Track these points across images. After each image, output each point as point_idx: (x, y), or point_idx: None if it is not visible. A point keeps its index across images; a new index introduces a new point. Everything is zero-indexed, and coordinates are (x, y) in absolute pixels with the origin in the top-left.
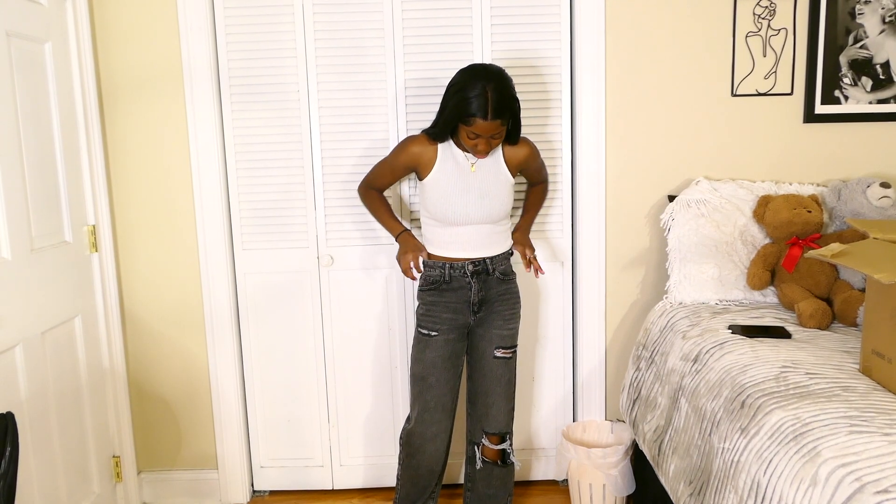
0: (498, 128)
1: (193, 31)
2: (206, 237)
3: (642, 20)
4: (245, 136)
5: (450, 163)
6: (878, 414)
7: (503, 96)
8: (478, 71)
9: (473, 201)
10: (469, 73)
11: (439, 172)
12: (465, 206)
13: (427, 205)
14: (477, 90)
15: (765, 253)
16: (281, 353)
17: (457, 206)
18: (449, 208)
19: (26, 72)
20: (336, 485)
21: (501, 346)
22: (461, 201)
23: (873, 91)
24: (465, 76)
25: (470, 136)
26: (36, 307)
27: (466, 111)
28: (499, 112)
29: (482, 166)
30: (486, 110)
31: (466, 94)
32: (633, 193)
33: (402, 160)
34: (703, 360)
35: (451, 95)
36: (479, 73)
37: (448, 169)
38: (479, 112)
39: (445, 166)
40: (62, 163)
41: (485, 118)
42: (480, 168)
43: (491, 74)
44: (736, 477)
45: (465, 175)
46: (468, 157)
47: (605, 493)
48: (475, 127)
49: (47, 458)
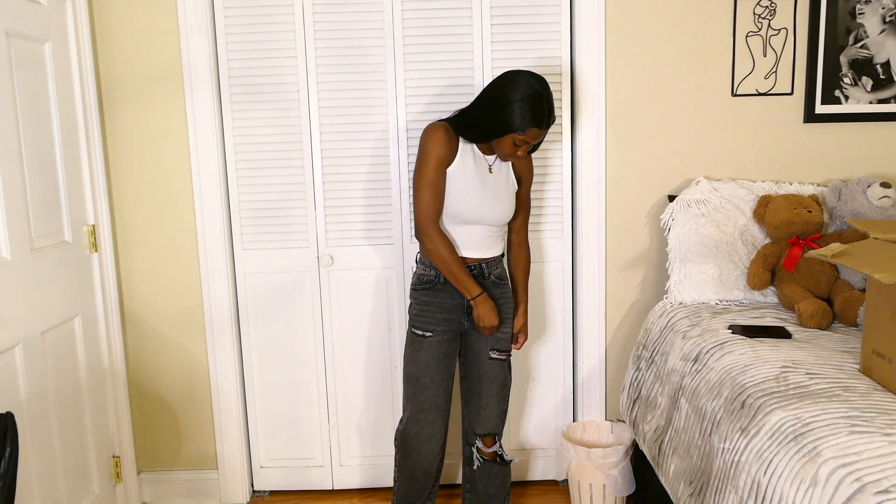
0: (543, 136)
1: (193, 31)
2: (206, 237)
3: (642, 20)
4: (245, 136)
5: (469, 159)
6: (879, 414)
7: (552, 105)
8: (529, 82)
9: (490, 202)
10: (524, 82)
11: (460, 167)
12: (481, 204)
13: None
14: (535, 101)
15: (765, 253)
16: (281, 354)
17: (474, 203)
18: (466, 205)
19: (26, 72)
20: (336, 485)
21: (497, 348)
22: (478, 199)
23: (874, 91)
24: (519, 87)
25: (517, 142)
26: (36, 307)
27: (523, 121)
28: (550, 121)
29: (496, 169)
30: (543, 120)
31: (525, 105)
32: (633, 193)
33: (444, 154)
34: (703, 360)
35: (504, 104)
36: (535, 82)
37: (466, 166)
38: (535, 122)
39: (465, 162)
40: (62, 163)
41: (540, 127)
42: (496, 170)
43: (543, 84)
44: (736, 477)
45: (484, 174)
46: (487, 157)
47: (605, 493)
48: (528, 135)
49: (47, 458)
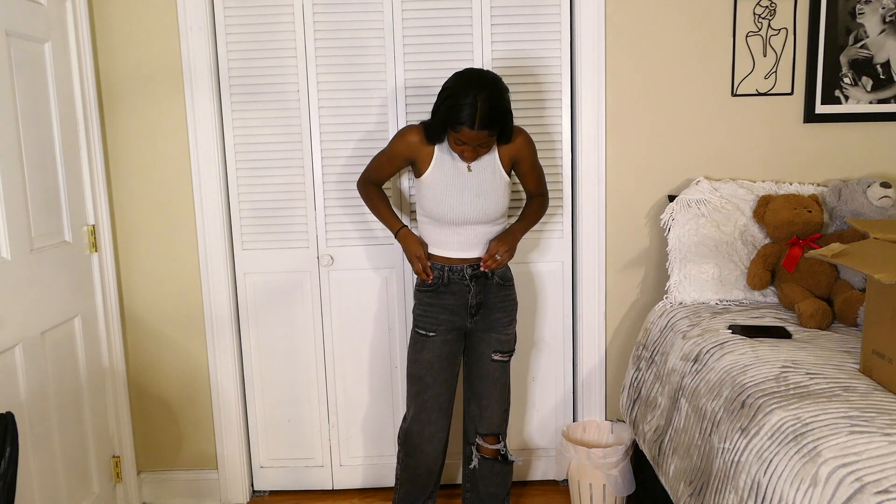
0: (485, 138)
1: (193, 31)
2: (206, 237)
3: (642, 20)
4: (245, 136)
5: (446, 160)
6: (879, 414)
7: (494, 108)
8: (471, 78)
9: (469, 200)
10: (463, 79)
11: (436, 170)
12: (460, 204)
13: (423, 203)
14: (468, 98)
15: (765, 253)
16: (281, 354)
17: (452, 204)
18: (445, 207)
19: (26, 72)
20: (336, 485)
21: (500, 349)
22: (457, 200)
23: (874, 91)
24: (459, 82)
25: (457, 141)
26: (36, 307)
27: (455, 118)
28: (486, 123)
29: (478, 165)
30: (474, 120)
31: (457, 101)
32: (633, 193)
33: (401, 150)
34: (703, 360)
35: (443, 99)
36: (473, 80)
37: (444, 167)
38: (467, 121)
39: (442, 164)
40: (62, 163)
41: (472, 128)
42: (476, 167)
43: (484, 84)
44: (736, 477)
45: (462, 174)
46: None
47: (605, 493)
48: (461, 134)
49: (47, 458)
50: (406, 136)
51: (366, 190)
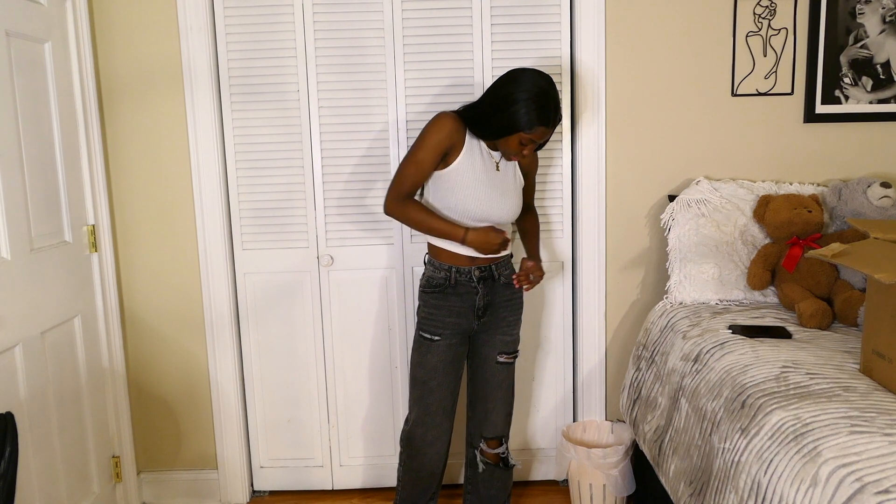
0: (551, 134)
1: (193, 31)
2: (206, 237)
3: (642, 20)
4: (245, 136)
5: (476, 154)
6: (879, 414)
7: (559, 103)
8: (537, 79)
9: (497, 199)
10: (530, 80)
11: (466, 163)
12: (489, 201)
13: (447, 196)
14: (542, 99)
15: (765, 253)
16: (281, 354)
17: (482, 200)
18: (475, 202)
19: (26, 72)
20: (336, 485)
21: (505, 351)
22: (487, 197)
23: (874, 91)
24: (524, 85)
25: (524, 141)
26: (36, 307)
27: (530, 119)
28: (557, 120)
29: (503, 166)
30: (549, 118)
31: (533, 103)
32: (633, 193)
33: (444, 138)
34: (703, 360)
35: (511, 103)
36: (542, 80)
37: (474, 161)
38: (542, 121)
39: (472, 157)
40: (62, 163)
41: (547, 126)
42: (500, 167)
43: (549, 82)
44: (736, 477)
45: (490, 171)
46: (494, 155)
47: (605, 493)
48: (535, 134)
49: (47, 458)
50: (446, 122)
51: (403, 208)
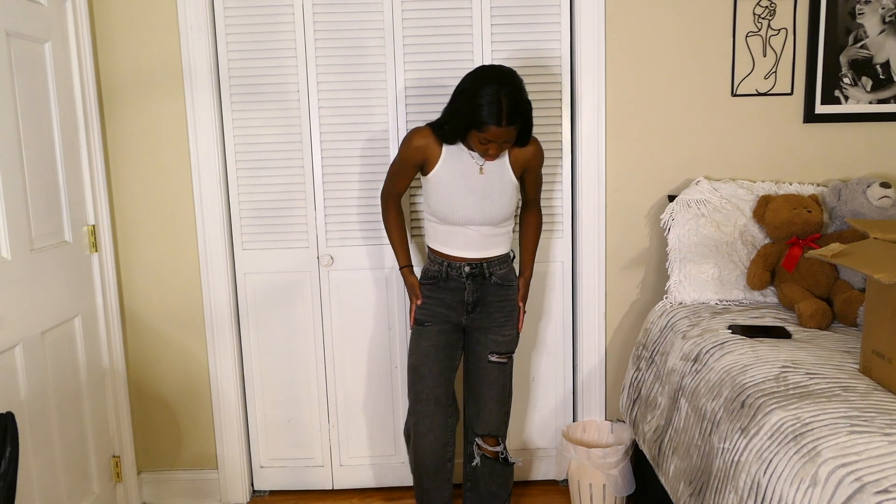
0: (511, 133)
1: (193, 31)
2: (206, 237)
3: (642, 20)
4: (245, 136)
5: (455, 161)
6: (879, 414)
7: (517, 101)
8: (490, 75)
9: (475, 203)
10: (481, 77)
11: (443, 170)
12: (465, 207)
13: (429, 201)
14: (490, 96)
15: (765, 253)
16: (281, 353)
17: (458, 206)
18: (450, 209)
19: (26, 72)
20: (336, 485)
21: (496, 351)
22: (463, 203)
23: (873, 91)
24: (478, 81)
25: (482, 140)
26: (36, 307)
27: (479, 118)
28: (512, 118)
29: (488, 168)
30: (500, 117)
31: (479, 101)
32: (633, 193)
33: (411, 156)
34: (703, 360)
35: (463, 101)
36: (492, 77)
37: (453, 168)
38: (493, 119)
39: (450, 164)
40: (62, 163)
41: (499, 125)
42: (486, 169)
43: (504, 78)
44: (736, 477)
45: (471, 176)
46: (476, 158)
47: (605, 493)
48: (488, 133)
49: (47, 458)
50: (413, 140)
51: (385, 208)
